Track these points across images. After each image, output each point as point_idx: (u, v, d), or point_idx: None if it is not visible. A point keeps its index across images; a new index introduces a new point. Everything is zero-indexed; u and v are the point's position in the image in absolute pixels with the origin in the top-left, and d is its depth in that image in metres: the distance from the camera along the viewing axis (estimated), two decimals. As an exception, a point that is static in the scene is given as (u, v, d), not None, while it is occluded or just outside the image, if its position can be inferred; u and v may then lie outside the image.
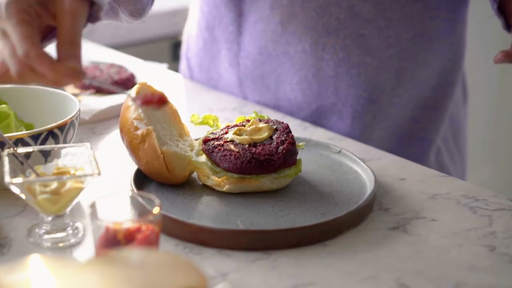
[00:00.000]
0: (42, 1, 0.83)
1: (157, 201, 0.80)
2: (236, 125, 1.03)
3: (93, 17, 0.89)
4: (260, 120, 1.04)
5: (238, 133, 1.01)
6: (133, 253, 0.69)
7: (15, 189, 0.85)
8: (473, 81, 1.92)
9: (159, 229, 0.80)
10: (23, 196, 0.85)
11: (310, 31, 1.28)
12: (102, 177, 0.83)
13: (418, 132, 1.36)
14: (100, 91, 1.37)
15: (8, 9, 0.81)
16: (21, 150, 0.91)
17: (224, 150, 0.98)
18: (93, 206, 0.80)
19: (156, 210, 0.79)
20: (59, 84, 0.84)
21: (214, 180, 0.99)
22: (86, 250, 0.87)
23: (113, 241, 0.77)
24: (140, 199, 0.83)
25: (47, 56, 0.81)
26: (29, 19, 0.82)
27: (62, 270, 0.62)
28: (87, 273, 0.62)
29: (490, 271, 0.84)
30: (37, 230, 0.90)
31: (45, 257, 0.66)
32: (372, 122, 1.33)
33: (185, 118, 1.10)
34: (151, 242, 0.78)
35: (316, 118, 1.34)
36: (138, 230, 0.77)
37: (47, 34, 0.89)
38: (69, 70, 0.81)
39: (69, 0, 0.83)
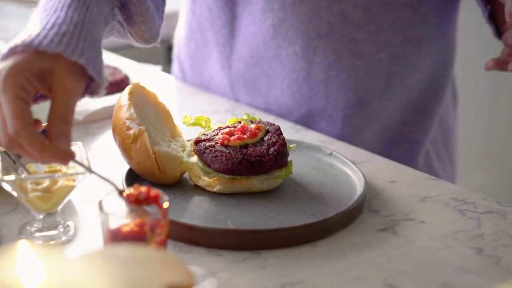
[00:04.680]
0: (41, 75, 0.79)
1: (165, 197, 0.80)
2: (228, 127, 1.03)
3: (92, 92, 0.85)
4: (252, 122, 1.05)
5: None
6: (122, 249, 0.70)
7: (7, 187, 0.85)
8: (466, 88, 1.93)
9: (167, 224, 0.80)
10: (15, 193, 0.86)
11: (301, 34, 1.29)
12: (94, 176, 0.83)
13: (407, 135, 1.37)
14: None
15: (5, 83, 0.77)
16: (14, 148, 0.91)
17: (216, 151, 0.98)
18: (101, 202, 0.80)
19: (166, 204, 0.79)
20: (46, 163, 0.85)
21: (205, 180, 0.99)
22: (77, 248, 0.88)
23: (120, 235, 0.77)
24: None
25: (37, 139, 0.77)
26: (24, 95, 0.78)
27: (51, 261, 0.63)
28: (76, 266, 0.63)
29: (478, 273, 0.84)
30: (28, 227, 0.90)
31: (34, 245, 0.66)
32: (361, 125, 1.34)
33: (177, 119, 1.11)
34: (159, 237, 0.78)
35: (306, 122, 1.34)
36: (145, 224, 0.77)
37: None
38: (58, 152, 0.78)
39: (67, 77, 0.80)
